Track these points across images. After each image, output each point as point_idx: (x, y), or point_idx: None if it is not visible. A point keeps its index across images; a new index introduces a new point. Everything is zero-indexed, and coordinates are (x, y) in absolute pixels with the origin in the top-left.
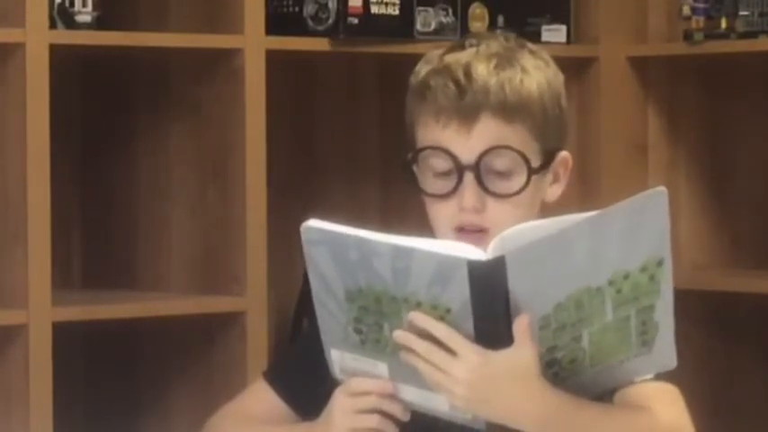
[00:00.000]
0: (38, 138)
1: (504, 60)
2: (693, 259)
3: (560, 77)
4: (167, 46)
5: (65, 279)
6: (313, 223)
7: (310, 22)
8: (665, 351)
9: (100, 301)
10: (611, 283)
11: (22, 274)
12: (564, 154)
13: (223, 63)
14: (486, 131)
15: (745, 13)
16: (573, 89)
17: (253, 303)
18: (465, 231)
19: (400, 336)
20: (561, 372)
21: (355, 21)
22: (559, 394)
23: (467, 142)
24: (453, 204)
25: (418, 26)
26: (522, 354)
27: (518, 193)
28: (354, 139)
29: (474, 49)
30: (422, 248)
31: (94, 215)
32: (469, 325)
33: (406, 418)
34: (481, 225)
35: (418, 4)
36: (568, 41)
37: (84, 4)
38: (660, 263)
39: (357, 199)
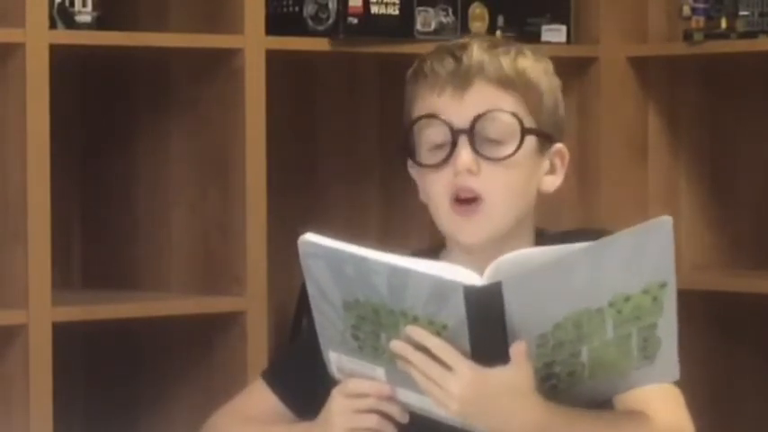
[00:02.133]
0: (38, 138)
1: (502, 44)
2: (693, 259)
3: (557, 81)
4: (167, 46)
5: (65, 279)
6: (310, 237)
7: (310, 22)
8: (668, 365)
9: (100, 301)
10: (611, 304)
11: (22, 274)
12: (560, 146)
13: (223, 63)
14: (480, 96)
15: (745, 13)
16: (573, 89)
17: (253, 303)
18: (460, 202)
19: (397, 346)
20: (560, 383)
21: (355, 21)
22: (555, 409)
23: (460, 107)
24: (448, 172)
25: (418, 26)
26: (518, 372)
27: (512, 154)
28: (354, 139)
29: (472, 39)
30: (418, 270)
31: (94, 215)
32: (466, 341)
33: (404, 419)
34: (475, 190)
35: (418, 4)
36: (568, 41)
37: (84, 4)
38: (663, 285)
39: (357, 199)
